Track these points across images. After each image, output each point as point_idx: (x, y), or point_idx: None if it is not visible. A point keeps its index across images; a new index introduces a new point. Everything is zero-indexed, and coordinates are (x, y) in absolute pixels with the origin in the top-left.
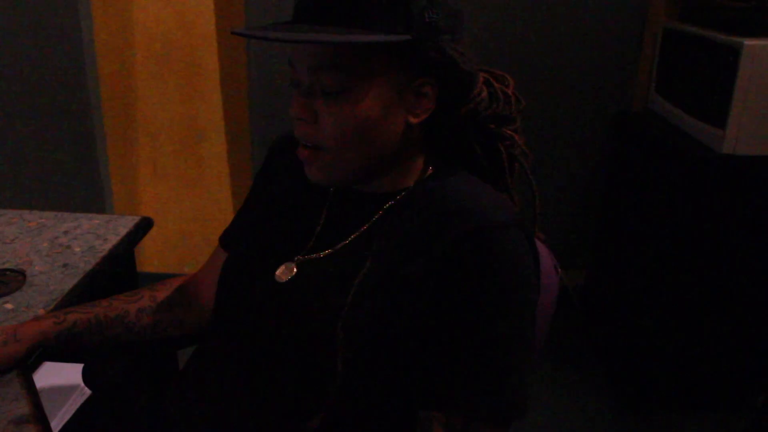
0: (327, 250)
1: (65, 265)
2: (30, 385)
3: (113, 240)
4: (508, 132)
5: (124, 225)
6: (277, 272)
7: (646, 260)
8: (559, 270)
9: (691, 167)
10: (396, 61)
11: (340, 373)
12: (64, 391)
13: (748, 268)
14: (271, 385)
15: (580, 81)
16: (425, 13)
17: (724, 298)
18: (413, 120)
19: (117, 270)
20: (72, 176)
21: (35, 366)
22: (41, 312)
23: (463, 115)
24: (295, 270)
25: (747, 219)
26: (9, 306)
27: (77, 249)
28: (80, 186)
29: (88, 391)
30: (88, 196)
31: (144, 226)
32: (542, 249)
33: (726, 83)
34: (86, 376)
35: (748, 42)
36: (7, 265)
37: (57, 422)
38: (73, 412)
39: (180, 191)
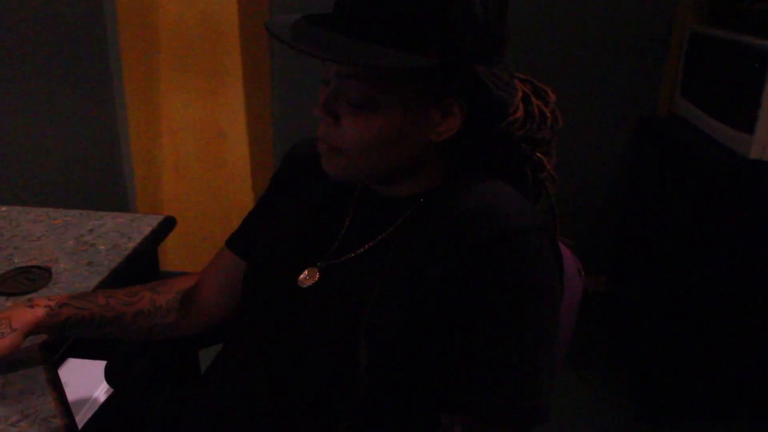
0: (350, 254)
1: (90, 263)
2: (56, 381)
3: (137, 238)
4: (538, 155)
5: (148, 224)
6: (300, 277)
7: (670, 266)
8: (583, 273)
9: (717, 173)
10: (425, 81)
11: (364, 378)
12: (89, 387)
13: None
14: (295, 391)
15: (604, 84)
16: (462, 38)
17: (750, 306)
18: (435, 138)
19: (141, 268)
20: (96, 175)
21: (60, 362)
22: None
23: (494, 134)
24: (317, 275)
25: None
26: None
27: (102, 247)
28: (104, 184)
29: (110, 388)
30: (112, 194)
31: (167, 224)
32: (566, 253)
33: (754, 87)
34: (108, 373)
35: None
36: (33, 263)
37: (81, 417)
38: (96, 407)
39: (201, 190)
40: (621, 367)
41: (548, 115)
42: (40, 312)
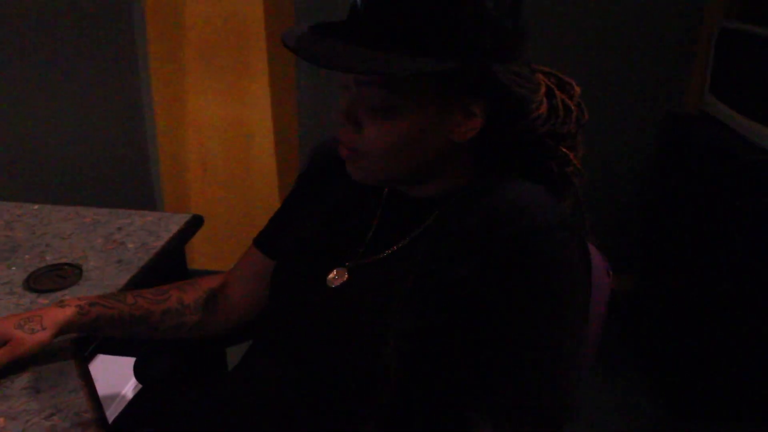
0: (378, 254)
1: (119, 261)
2: (87, 377)
3: (165, 237)
4: (563, 150)
5: (175, 222)
6: (329, 277)
7: (699, 267)
8: (611, 273)
9: (748, 172)
10: (443, 83)
11: (392, 378)
12: (118, 383)
13: None
14: (322, 390)
15: (631, 80)
16: (475, 38)
17: None
18: (458, 138)
19: (168, 266)
20: (124, 174)
21: (90, 358)
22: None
23: (517, 131)
24: (346, 275)
25: None
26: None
27: (131, 245)
28: (131, 183)
29: (139, 384)
30: (139, 193)
31: (194, 223)
32: (594, 252)
33: None
34: (137, 370)
35: None
36: (64, 260)
37: (110, 412)
38: (125, 403)
39: (228, 189)
40: (647, 368)
41: (573, 108)
42: (70, 311)
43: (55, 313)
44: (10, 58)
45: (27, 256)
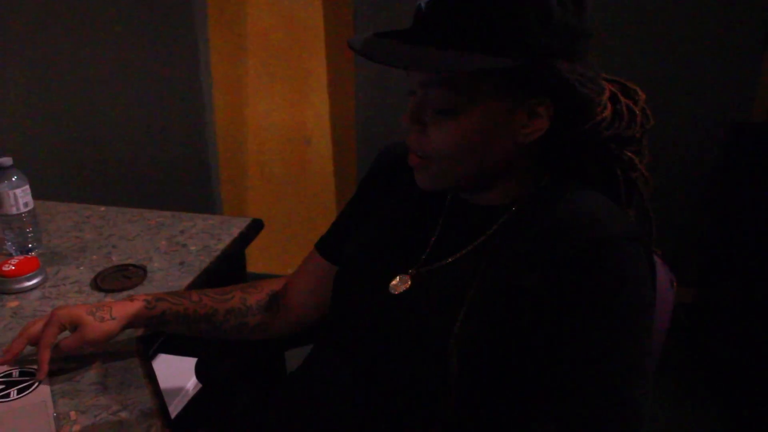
0: (442, 261)
1: (182, 263)
2: (151, 374)
3: (226, 240)
4: (628, 154)
5: (236, 226)
6: (392, 284)
7: (764, 280)
8: (675, 284)
9: None
10: (507, 82)
11: (454, 386)
12: (179, 382)
13: None
14: (383, 397)
15: (696, 87)
16: (539, 37)
17: None
18: (523, 140)
19: (229, 269)
20: (185, 178)
21: (152, 357)
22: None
23: (581, 134)
24: (409, 282)
25: None
26: None
27: (193, 248)
28: (192, 187)
29: (198, 384)
30: (199, 196)
31: (255, 227)
32: (657, 262)
33: None
34: (199, 370)
35: None
36: (130, 261)
37: (172, 409)
38: (186, 401)
39: (285, 194)
40: (708, 380)
41: (637, 113)
42: (138, 305)
43: (124, 305)
44: (81, 64)
45: (94, 257)
